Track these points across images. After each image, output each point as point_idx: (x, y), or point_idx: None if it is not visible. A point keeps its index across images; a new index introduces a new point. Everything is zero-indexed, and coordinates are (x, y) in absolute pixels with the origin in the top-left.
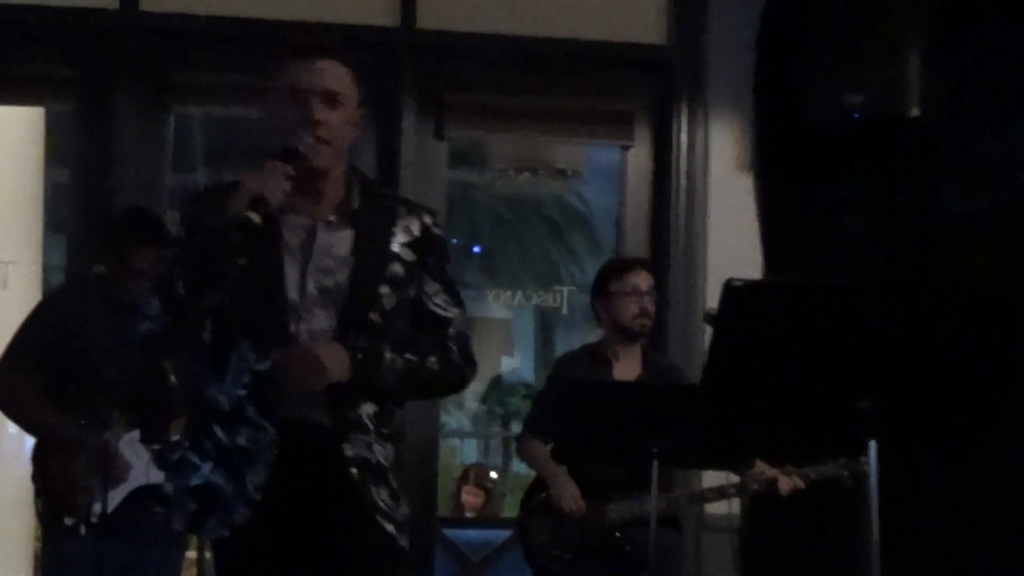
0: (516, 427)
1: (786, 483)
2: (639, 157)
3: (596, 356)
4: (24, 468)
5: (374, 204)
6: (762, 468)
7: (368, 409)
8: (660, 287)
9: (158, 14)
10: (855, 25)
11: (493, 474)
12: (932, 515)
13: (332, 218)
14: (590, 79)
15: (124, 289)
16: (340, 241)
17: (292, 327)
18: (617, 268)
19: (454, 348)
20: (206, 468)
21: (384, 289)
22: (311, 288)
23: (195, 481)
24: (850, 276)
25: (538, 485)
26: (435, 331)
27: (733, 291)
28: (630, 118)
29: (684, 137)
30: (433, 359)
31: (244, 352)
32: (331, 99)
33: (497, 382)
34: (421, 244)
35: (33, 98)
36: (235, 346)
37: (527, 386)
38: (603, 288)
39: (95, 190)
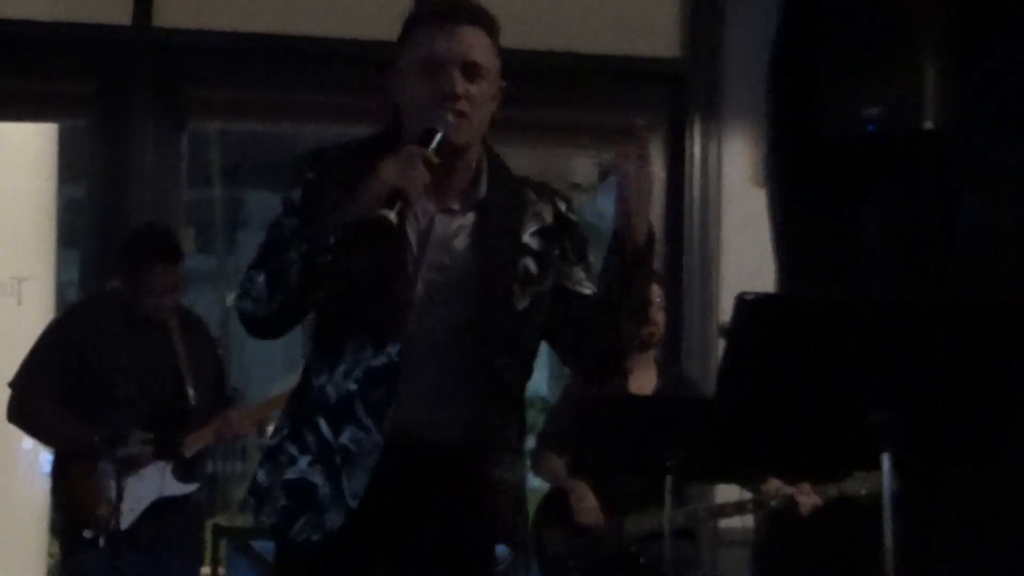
0: (532, 441)
1: (806, 502)
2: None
3: None
4: (35, 485)
5: (503, 188)
6: (778, 484)
7: (514, 428)
8: (675, 301)
9: (172, 29)
10: (870, 37)
11: None
12: (949, 529)
13: (455, 206)
14: (604, 92)
15: (140, 304)
16: (462, 232)
17: (409, 325)
18: None
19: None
20: (303, 462)
21: (515, 288)
22: (421, 286)
23: (290, 475)
24: (866, 290)
25: (553, 496)
26: (579, 312)
27: (746, 305)
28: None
29: (698, 150)
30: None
31: (360, 342)
32: (472, 71)
33: None
34: (555, 231)
35: (47, 114)
36: (349, 333)
37: (543, 400)
38: None
39: (109, 206)
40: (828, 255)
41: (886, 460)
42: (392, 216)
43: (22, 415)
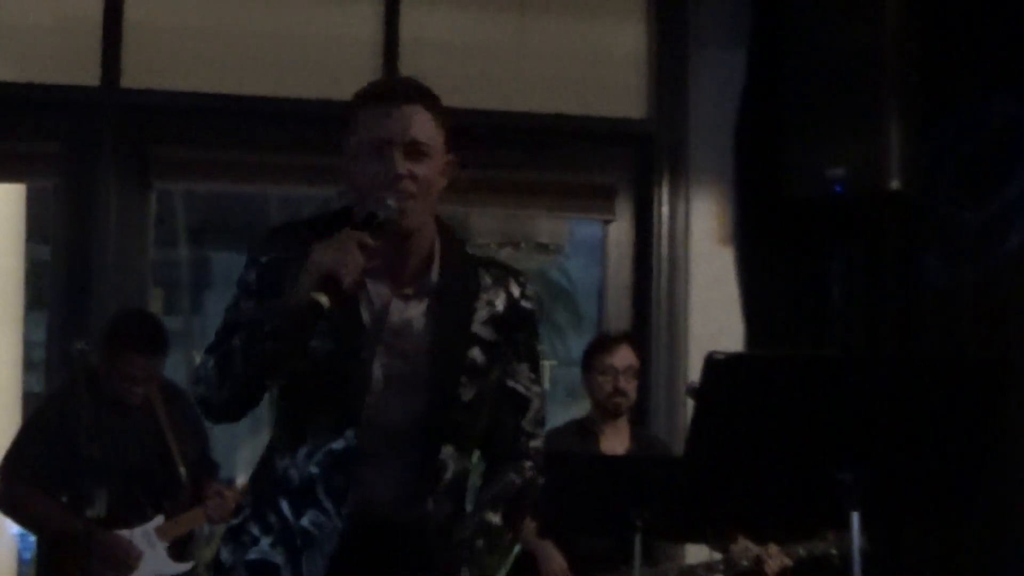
0: None
1: (774, 563)
2: (621, 231)
3: (583, 431)
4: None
5: (457, 271)
6: (746, 544)
7: (446, 512)
8: (643, 360)
9: (139, 90)
10: (835, 99)
11: None
12: None
13: (409, 291)
14: (571, 153)
15: (114, 388)
16: (416, 319)
17: (367, 410)
18: (597, 345)
19: (530, 431)
20: (265, 543)
21: (463, 379)
22: (378, 372)
23: (252, 555)
24: (833, 348)
25: (523, 558)
26: (512, 413)
27: (715, 364)
28: (611, 192)
29: (665, 210)
30: (514, 478)
31: (320, 426)
32: (416, 149)
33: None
34: (507, 320)
35: (14, 174)
36: (311, 419)
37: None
38: (586, 363)
39: (76, 266)
40: (795, 314)
41: (855, 519)
42: (324, 300)
43: (8, 504)
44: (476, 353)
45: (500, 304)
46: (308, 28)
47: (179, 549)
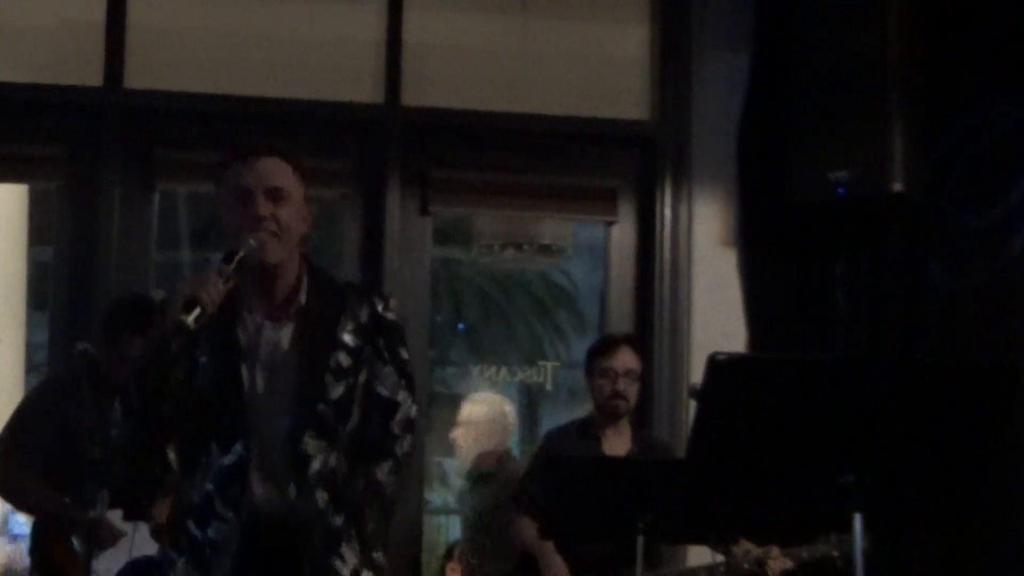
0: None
1: (776, 565)
2: (623, 233)
3: (585, 432)
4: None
5: (323, 295)
6: (748, 546)
7: (321, 499)
8: (646, 362)
9: (142, 91)
10: (839, 101)
11: None
12: None
13: (279, 314)
14: (575, 155)
15: (114, 373)
16: (284, 337)
17: (249, 422)
18: (599, 348)
19: (397, 433)
20: (181, 562)
21: (328, 378)
22: (260, 386)
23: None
24: (836, 352)
25: (525, 561)
26: (380, 414)
27: (717, 365)
28: (614, 194)
29: (668, 212)
30: (384, 471)
31: (211, 450)
32: (275, 194)
33: None
34: (369, 329)
35: (17, 176)
36: (203, 447)
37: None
38: (588, 366)
39: (79, 268)
40: (797, 316)
41: (857, 521)
42: (188, 320)
43: (4, 487)
44: (341, 357)
45: (364, 316)
46: (311, 30)
47: (161, 529)
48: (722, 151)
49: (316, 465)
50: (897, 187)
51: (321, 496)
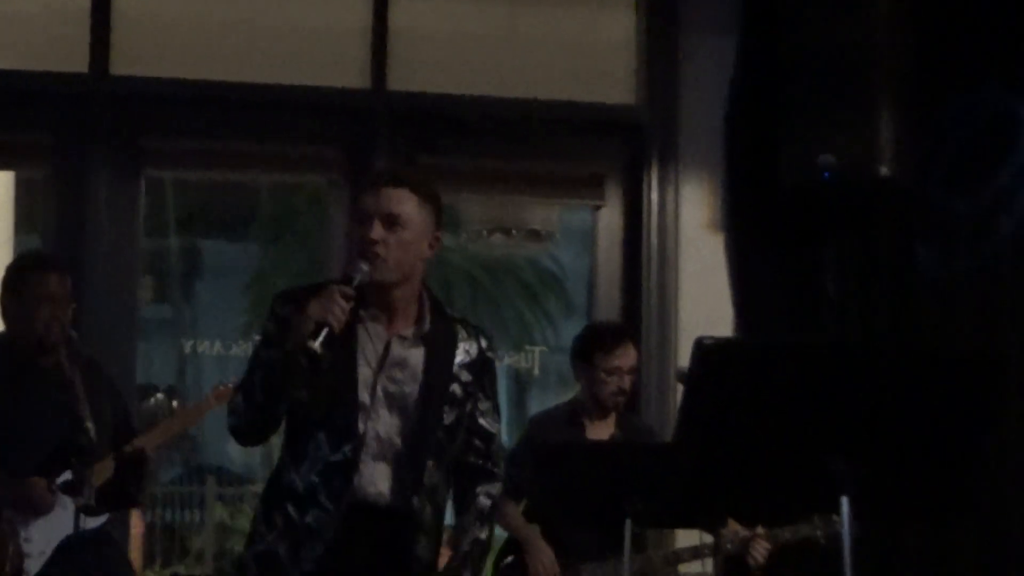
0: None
1: (760, 550)
2: (611, 217)
3: (571, 417)
4: None
5: (442, 325)
6: (736, 528)
7: (428, 514)
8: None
9: (129, 78)
10: (826, 86)
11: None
12: (908, 573)
13: (407, 334)
14: (561, 140)
15: (34, 324)
16: (412, 356)
17: (361, 426)
18: (606, 342)
19: (495, 459)
20: (271, 537)
21: (446, 408)
22: (380, 393)
23: (258, 548)
24: (823, 336)
25: (512, 545)
26: (482, 443)
27: (704, 349)
28: (601, 179)
29: (655, 197)
30: (485, 501)
31: (320, 443)
32: (390, 220)
33: None
34: (478, 366)
35: (3, 164)
36: (312, 437)
37: (501, 447)
38: (587, 356)
39: (66, 256)
40: (785, 302)
41: (844, 503)
42: (316, 346)
43: None
44: (456, 388)
45: (473, 352)
46: (298, 16)
47: (93, 505)
48: (709, 136)
49: (428, 481)
50: (885, 172)
51: (429, 510)
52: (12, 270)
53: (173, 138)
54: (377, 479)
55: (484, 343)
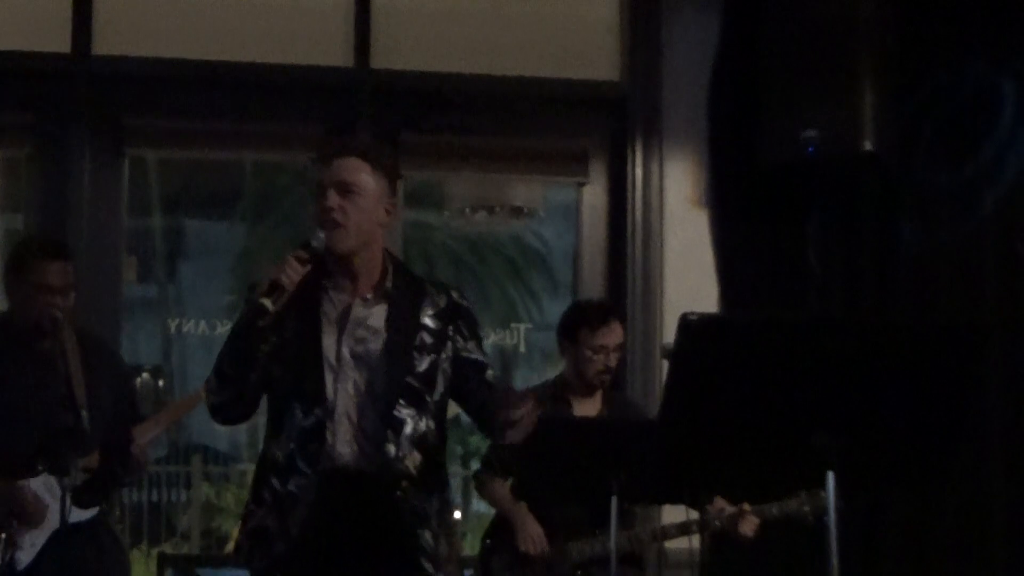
0: (476, 466)
1: (747, 525)
2: (595, 194)
3: (557, 394)
4: None
5: (407, 283)
6: (723, 504)
7: (416, 461)
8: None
9: (111, 58)
10: (809, 61)
11: (456, 514)
12: (892, 547)
13: (368, 296)
14: (545, 117)
15: (32, 310)
16: (374, 315)
17: (330, 389)
18: (591, 320)
19: (495, 385)
20: (261, 512)
21: (416, 355)
22: (346, 354)
23: (251, 525)
24: (807, 311)
25: (498, 523)
26: (476, 374)
27: (689, 325)
28: (585, 155)
29: (639, 173)
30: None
31: (294, 412)
32: (345, 189)
33: (457, 421)
34: (448, 313)
35: None
36: (287, 408)
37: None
38: (573, 333)
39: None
40: (769, 277)
41: (830, 479)
42: (267, 302)
43: None
44: (424, 335)
45: (442, 303)
46: None
47: (84, 494)
48: (693, 111)
49: (408, 429)
50: (867, 146)
51: (415, 457)
52: (16, 253)
53: (156, 118)
54: (351, 438)
55: (455, 294)
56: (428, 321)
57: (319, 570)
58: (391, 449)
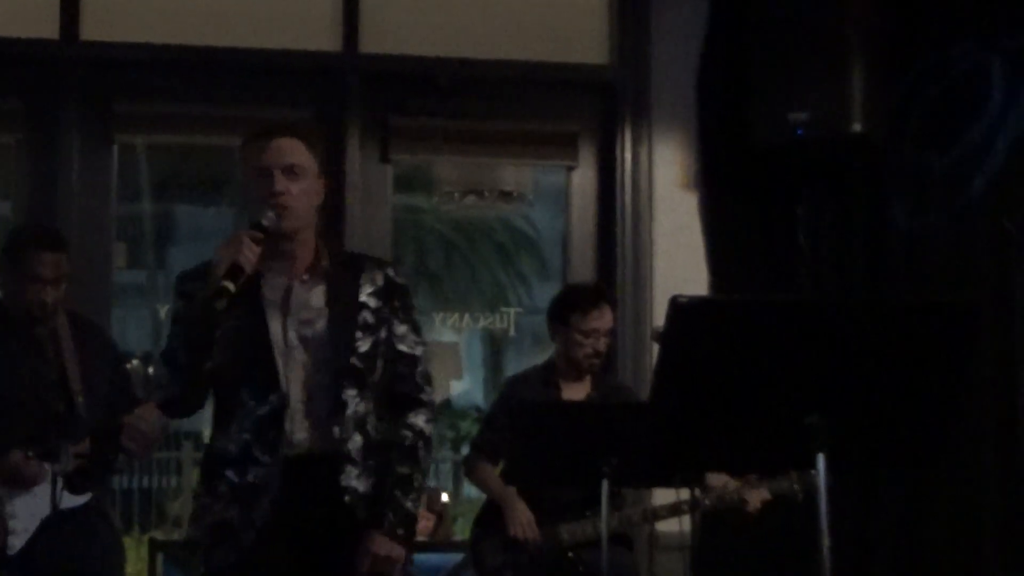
0: (467, 450)
1: (755, 496)
2: (584, 178)
3: (546, 378)
4: None
5: (342, 261)
6: (724, 480)
7: (357, 442)
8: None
9: (100, 43)
10: (798, 43)
11: (445, 497)
12: (883, 529)
13: (306, 276)
14: (534, 100)
15: (24, 300)
16: (315, 296)
17: (282, 374)
18: (581, 304)
19: (422, 384)
20: (219, 506)
21: (359, 335)
22: (292, 338)
23: (208, 520)
24: (798, 293)
25: (489, 507)
26: (405, 368)
27: (679, 308)
28: (574, 139)
29: (628, 157)
30: (417, 431)
31: (245, 401)
32: (290, 171)
33: (447, 406)
34: (386, 291)
35: None
36: (237, 398)
37: (477, 409)
38: (563, 318)
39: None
40: (759, 259)
41: (821, 460)
42: (229, 285)
43: None
44: (366, 315)
45: (380, 280)
46: None
47: (77, 479)
48: (682, 94)
49: (350, 411)
50: (857, 128)
51: (356, 439)
52: (11, 242)
53: (145, 103)
54: (306, 423)
55: (391, 271)
56: (368, 300)
57: (286, 559)
58: (336, 431)
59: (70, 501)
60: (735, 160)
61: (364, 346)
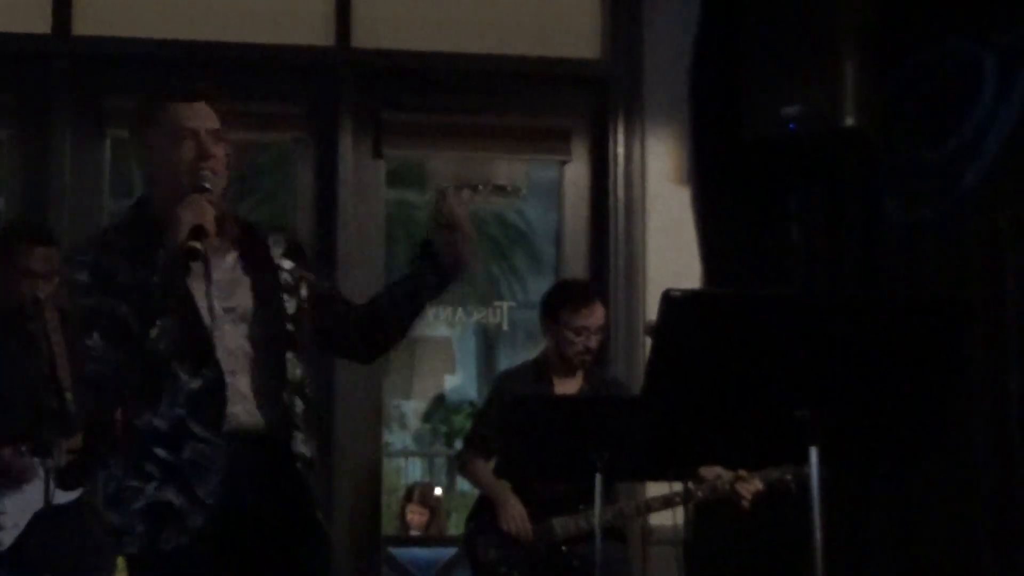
0: (460, 445)
1: (748, 488)
2: (577, 172)
3: (538, 373)
4: None
5: (244, 229)
6: (717, 471)
7: (299, 407)
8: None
9: (91, 38)
10: (790, 36)
11: (438, 492)
12: (876, 523)
13: (218, 243)
14: (527, 95)
15: (15, 294)
16: (228, 262)
17: (214, 345)
18: (573, 301)
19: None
20: (151, 488)
21: (285, 297)
22: (218, 309)
23: (139, 504)
24: (791, 287)
25: (483, 502)
26: (342, 307)
27: (672, 302)
28: (567, 133)
29: (621, 151)
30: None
31: (177, 375)
32: (215, 135)
33: (440, 400)
34: (294, 251)
35: None
36: (166, 373)
37: (471, 404)
38: (555, 314)
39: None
40: (752, 253)
41: (813, 454)
42: (198, 245)
43: None
44: (285, 276)
45: (283, 242)
46: None
47: (68, 475)
48: (674, 89)
49: (289, 375)
50: (849, 122)
51: (298, 403)
52: (2, 237)
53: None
54: (243, 393)
55: (287, 233)
56: (281, 262)
57: (241, 536)
58: (284, 396)
59: (61, 497)
60: (728, 154)
61: (291, 307)
